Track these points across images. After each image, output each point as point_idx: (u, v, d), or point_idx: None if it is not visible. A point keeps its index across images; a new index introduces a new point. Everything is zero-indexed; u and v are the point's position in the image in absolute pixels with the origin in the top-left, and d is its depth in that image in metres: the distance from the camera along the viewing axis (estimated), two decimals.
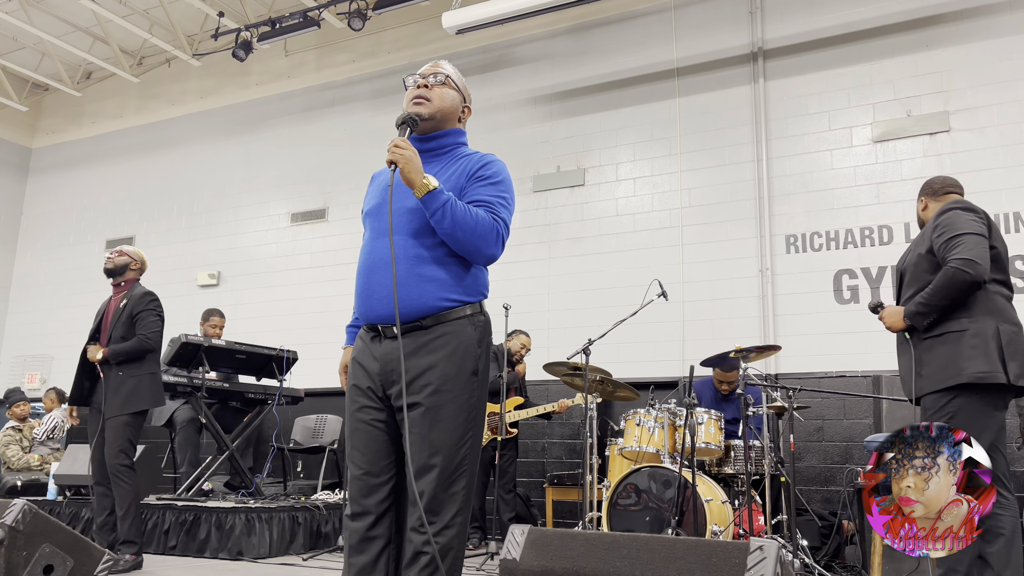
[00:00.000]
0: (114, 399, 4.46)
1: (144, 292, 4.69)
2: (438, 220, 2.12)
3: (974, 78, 6.42)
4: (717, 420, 4.94)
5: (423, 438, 2.11)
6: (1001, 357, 2.92)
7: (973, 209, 3.13)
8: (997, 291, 3.07)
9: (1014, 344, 2.97)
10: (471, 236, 2.14)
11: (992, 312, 3.01)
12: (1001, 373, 2.91)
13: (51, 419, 7.65)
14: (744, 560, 1.76)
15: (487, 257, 2.20)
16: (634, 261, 7.22)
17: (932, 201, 3.37)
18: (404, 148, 2.12)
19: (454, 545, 2.10)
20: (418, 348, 2.15)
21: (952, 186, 3.36)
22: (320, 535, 5.58)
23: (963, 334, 2.98)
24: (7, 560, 2.50)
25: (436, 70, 2.35)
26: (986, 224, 3.10)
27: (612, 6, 7.82)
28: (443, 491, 2.10)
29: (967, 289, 2.97)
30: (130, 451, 4.49)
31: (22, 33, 9.69)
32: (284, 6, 9.13)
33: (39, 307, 10.43)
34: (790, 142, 6.92)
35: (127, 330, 4.57)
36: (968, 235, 3.02)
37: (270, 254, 9.01)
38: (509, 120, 8.14)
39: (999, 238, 3.14)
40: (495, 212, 2.21)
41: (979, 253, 2.98)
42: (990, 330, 2.96)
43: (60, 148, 11.06)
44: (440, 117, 2.31)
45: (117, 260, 4.79)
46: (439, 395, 2.13)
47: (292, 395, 6.56)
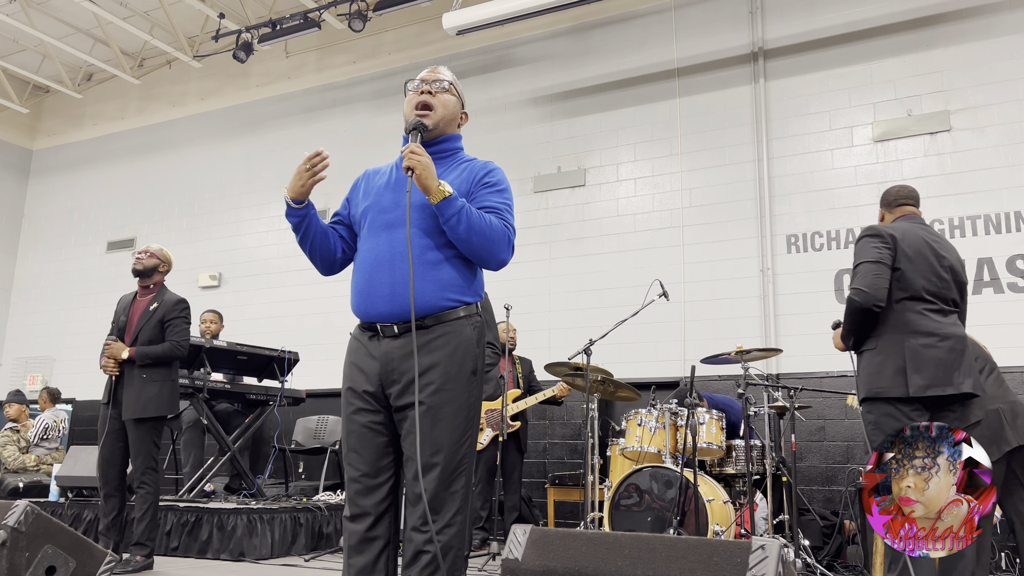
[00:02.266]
0: (135, 402, 4.42)
1: (178, 299, 4.68)
2: (453, 226, 2.14)
3: (975, 77, 6.42)
4: (718, 420, 4.94)
5: (425, 437, 2.12)
6: (902, 371, 3.10)
7: (879, 234, 3.28)
8: (908, 308, 3.20)
9: (920, 357, 3.11)
10: (485, 242, 2.17)
11: (900, 328, 3.17)
12: (898, 387, 3.09)
13: (41, 421, 7.61)
14: (746, 559, 1.76)
15: (500, 262, 2.23)
16: (635, 261, 7.22)
17: (888, 213, 3.53)
18: (420, 155, 2.13)
19: (455, 544, 2.11)
20: (419, 347, 2.16)
21: (906, 198, 3.50)
22: (322, 536, 5.58)
23: (872, 352, 3.21)
24: (9, 561, 2.50)
25: (438, 77, 2.37)
26: (890, 248, 3.24)
27: (612, 6, 7.82)
28: (444, 489, 2.11)
29: (860, 315, 3.18)
30: (155, 453, 4.49)
31: (23, 35, 9.70)
32: (284, 7, 9.14)
33: (40, 309, 10.44)
34: (791, 142, 6.92)
35: (155, 333, 4.55)
36: (863, 264, 3.22)
37: (271, 255, 9.01)
38: (510, 121, 8.14)
39: (916, 256, 3.24)
40: (505, 218, 2.24)
41: (869, 282, 3.16)
42: (894, 347, 3.15)
43: (61, 150, 11.07)
44: (443, 124, 2.34)
45: (147, 262, 4.74)
46: (440, 394, 2.14)
47: (293, 396, 6.57)
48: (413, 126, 2.26)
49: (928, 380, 3.09)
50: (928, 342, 3.14)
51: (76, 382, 9.56)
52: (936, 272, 3.24)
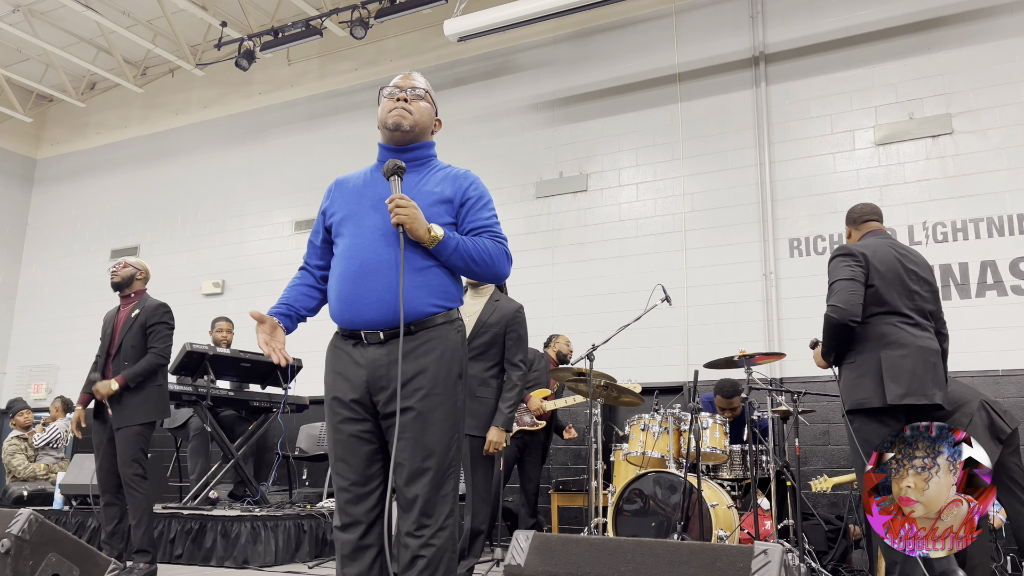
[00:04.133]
0: (120, 411, 4.46)
1: (158, 304, 4.68)
2: (453, 263, 2.21)
3: (976, 80, 6.42)
4: (722, 425, 4.94)
5: (416, 442, 2.13)
6: (879, 382, 3.24)
7: (851, 254, 3.42)
8: (883, 321, 3.34)
9: (896, 367, 3.25)
10: (486, 267, 2.24)
11: (876, 341, 3.31)
12: (876, 398, 3.23)
13: (54, 428, 7.66)
14: (748, 564, 1.76)
15: (501, 277, 2.30)
16: (637, 266, 7.22)
17: (854, 230, 3.69)
18: (406, 206, 2.14)
19: (448, 547, 2.13)
20: (406, 353, 2.18)
21: (871, 214, 3.65)
22: (326, 543, 5.58)
23: (851, 366, 3.35)
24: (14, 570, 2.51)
25: (413, 83, 2.38)
26: (862, 265, 3.38)
27: (613, 12, 7.83)
28: (436, 493, 2.13)
29: (838, 330, 3.31)
30: (143, 460, 4.49)
31: (26, 45, 9.74)
32: (286, 15, 9.17)
33: (44, 317, 10.47)
34: (792, 146, 6.92)
35: (138, 340, 4.56)
36: (838, 281, 3.36)
37: (274, 262, 9.03)
38: (512, 126, 8.15)
39: (888, 272, 3.38)
40: (496, 235, 2.29)
41: (844, 298, 3.30)
42: (872, 360, 3.29)
43: (64, 159, 11.11)
44: (419, 131, 2.37)
45: (122, 272, 4.76)
46: (430, 399, 2.16)
47: (297, 403, 6.57)
48: (391, 171, 2.23)
49: (905, 389, 3.22)
50: (904, 353, 3.28)
51: (80, 390, 9.58)
52: (907, 286, 3.38)
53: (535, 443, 5.68)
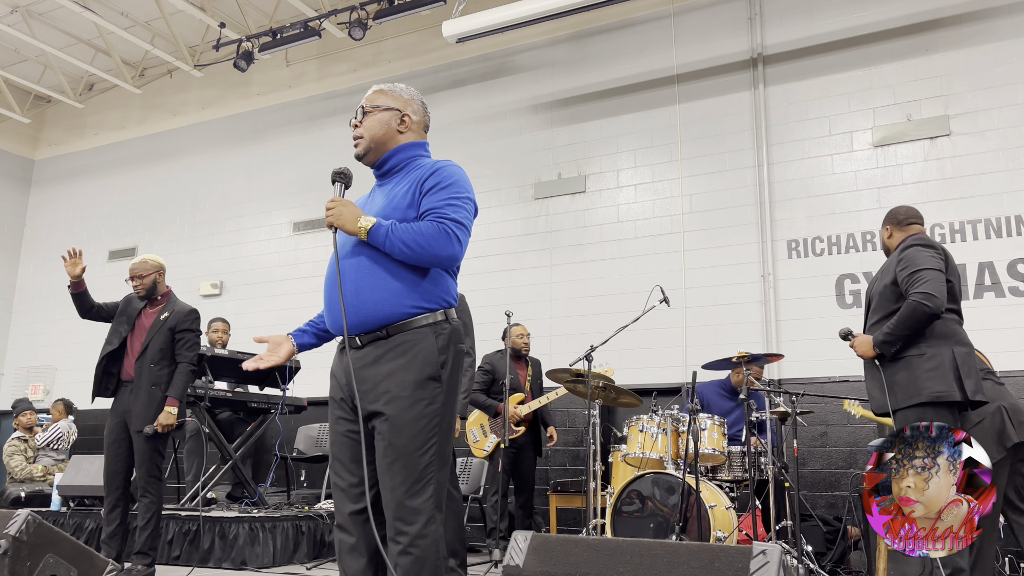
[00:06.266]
0: (143, 413, 4.45)
1: (189, 310, 4.68)
2: (389, 249, 2.20)
3: (974, 82, 6.43)
4: (720, 426, 4.94)
5: (387, 446, 2.14)
6: (957, 376, 3.29)
7: (933, 246, 3.47)
8: (951, 318, 3.43)
9: (967, 364, 3.33)
10: (421, 250, 2.18)
11: (946, 337, 3.37)
12: (956, 392, 3.27)
13: (56, 429, 7.65)
14: (747, 564, 1.76)
15: (445, 259, 2.21)
16: (636, 267, 7.23)
17: (897, 230, 3.70)
18: (332, 207, 2.25)
19: (429, 556, 2.09)
20: (379, 357, 2.19)
21: (915, 217, 3.70)
22: (324, 544, 5.58)
23: (921, 358, 3.35)
24: (11, 571, 2.50)
25: (361, 103, 2.45)
26: (943, 259, 3.45)
27: (612, 14, 7.84)
28: (410, 499, 2.11)
29: (927, 320, 3.32)
30: (159, 463, 4.52)
31: (24, 45, 9.74)
32: (285, 16, 9.17)
33: (42, 319, 10.45)
34: (791, 147, 6.93)
35: (166, 343, 4.57)
36: (927, 270, 3.36)
37: (272, 263, 9.02)
38: (510, 128, 8.15)
39: (954, 271, 3.49)
40: (442, 216, 2.22)
41: (937, 288, 3.31)
42: (946, 354, 3.33)
43: (62, 160, 11.09)
44: (375, 145, 2.41)
45: (146, 282, 4.65)
46: (396, 403, 2.15)
47: (295, 404, 6.57)
48: (333, 178, 2.39)
49: (975, 386, 3.31)
50: (968, 351, 3.37)
51: (78, 392, 9.55)
52: (960, 288, 3.50)
53: (525, 445, 5.85)
